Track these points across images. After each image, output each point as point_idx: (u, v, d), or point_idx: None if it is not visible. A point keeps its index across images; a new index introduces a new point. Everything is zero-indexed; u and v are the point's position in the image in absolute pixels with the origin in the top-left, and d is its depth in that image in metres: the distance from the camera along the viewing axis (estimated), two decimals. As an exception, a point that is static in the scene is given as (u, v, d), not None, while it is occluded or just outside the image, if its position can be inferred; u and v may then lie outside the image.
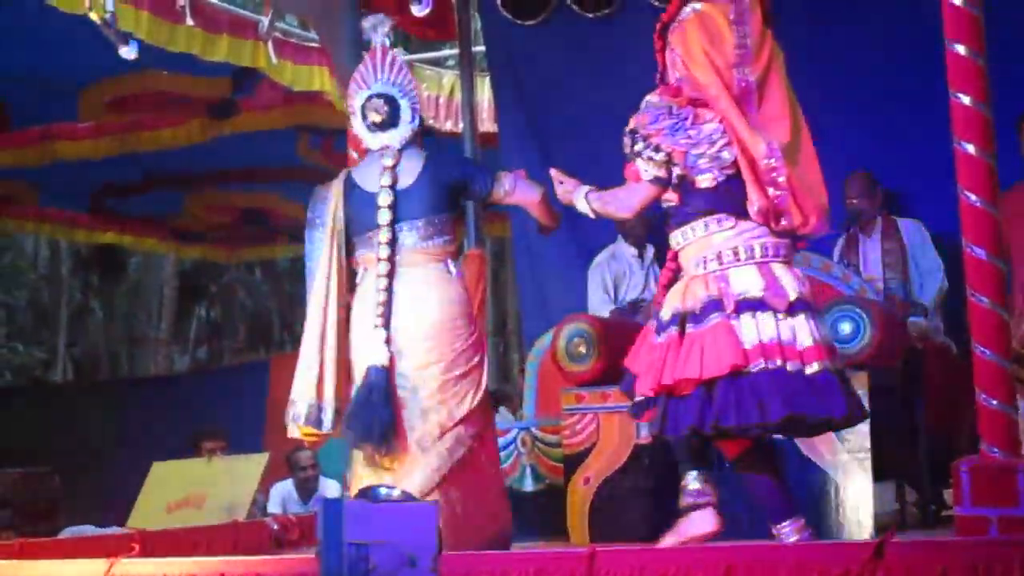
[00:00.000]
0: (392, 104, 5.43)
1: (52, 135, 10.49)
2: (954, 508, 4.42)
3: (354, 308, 5.39)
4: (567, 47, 8.25)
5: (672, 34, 4.98)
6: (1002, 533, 4.17)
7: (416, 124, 5.46)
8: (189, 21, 7.95)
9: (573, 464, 6.23)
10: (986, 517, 4.20)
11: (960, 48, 4.38)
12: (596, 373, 6.25)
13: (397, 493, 5.00)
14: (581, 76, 8.06)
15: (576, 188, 5.12)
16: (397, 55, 5.62)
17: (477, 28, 9.38)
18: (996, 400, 4.28)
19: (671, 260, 5.00)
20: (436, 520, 4.69)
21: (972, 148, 4.37)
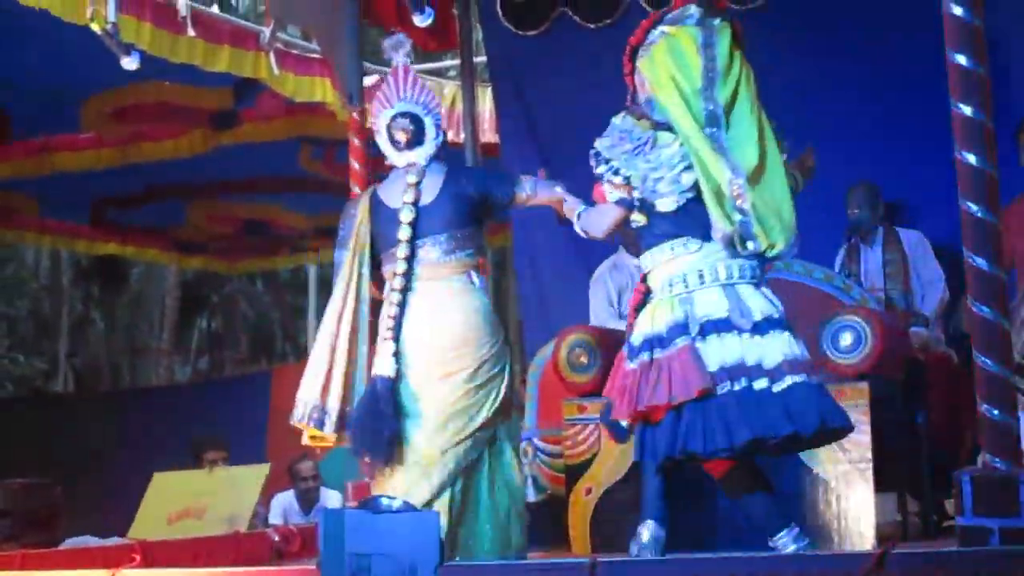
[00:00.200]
0: (417, 123, 5.51)
1: (53, 146, 10.48)
2: (955, 518, 4.41)
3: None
4: (568, 57, 8.26)
5: (640, 58, 5.02)
6: (1003, 543, 4.16)
7: (440, 140, 5.55)
8: (191, 32, 7.96)
9: (575, 474, 6.23)
10: (987, 528, 4.20)
11: (961, 58, 4.38)
12: (597, 383, 6.24)
13: (398, 503, 5.00)
14: (582, 86, 8.06)
15: (576, 206, 5.24)
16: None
17: (479, 38, 9.39)
18: (997, 410, 4.28)
19: (641, 282, 5.05)
20: (438, 530, 4.69)
21: (973, 158, 4.36)
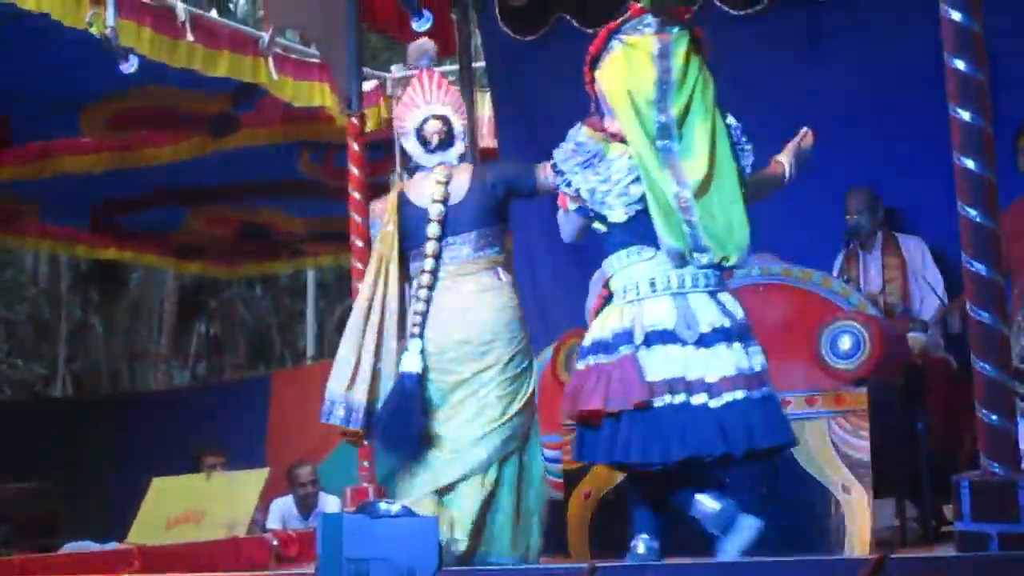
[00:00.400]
0: (447, 124, 5.63)
1: (53, 151, 10.49)
2: (954, 524, 4.40)
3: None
4: (567, 62, 8.21)
5: (598, 68, 5.05)
6: (1003, 549, 4.15)
7: (466, 140, 5.69)
8: (190, 37, 7.97)
9: (573, 479, 6.23)
10: (987, 533, 4.19)
11: (959, 63, 4.38)
12: (596, 388, 6.24)
13: (397, 508, 5.00)
14: (581, 91, 8.02)
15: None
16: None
17: (477, 44, 9.39)
18: (996, 415, 4.27)
19: (604, 287, 5.07)
20: (436, 535, 4.69)
21: (972, 163, 4.36)
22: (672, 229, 4.76)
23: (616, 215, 4.89)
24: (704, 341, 4.73)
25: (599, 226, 4.97)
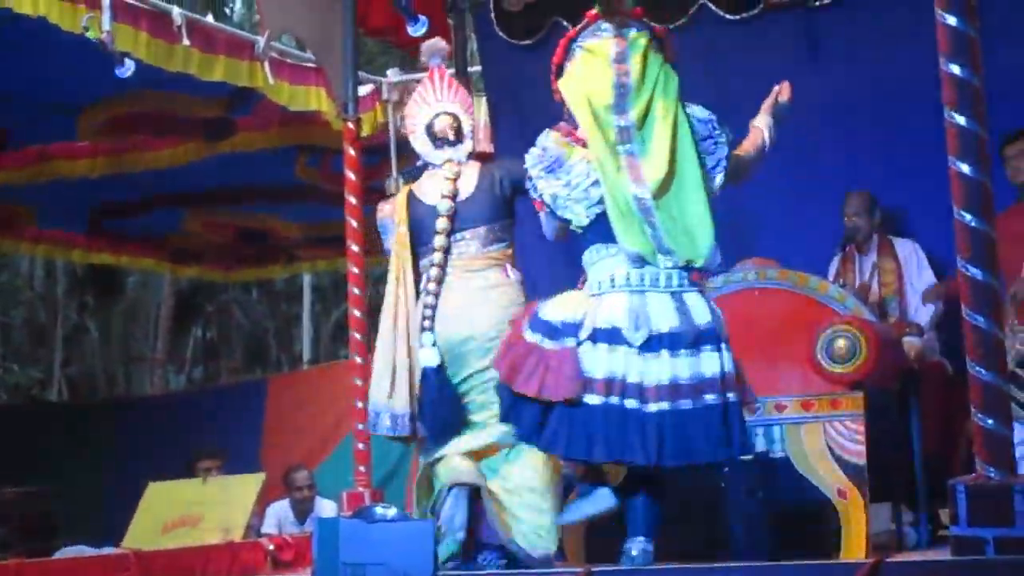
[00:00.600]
0: (457, 121, 5.78)
1: (50, 155, 10.49)
2: (950, 528, 4.41)
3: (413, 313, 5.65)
4: (563, 67, 8.25)
5: (562, 78, 5.08)
6: (998, 553, 4.15)
7: (474, 139, 5.84)
8: (186, 41, 7.96)
9: (567, 486, 6.21)
10: (982, 537, 4.19)
11: (955, 67, 4.38)
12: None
13: (393, 512, 5.01)
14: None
15: None
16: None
17: (473, 49, 9.39)
18: (992, 420, 4.27)
19: (581, 283, 5.08)
20: (432, 540, 4.69)
21: (967, 167, 4.36)
22: (632, 232, 4.77)
23: (578, 219, 4.92)
24: (650, 345, 4.72)
25: (574, 226, 5.00)
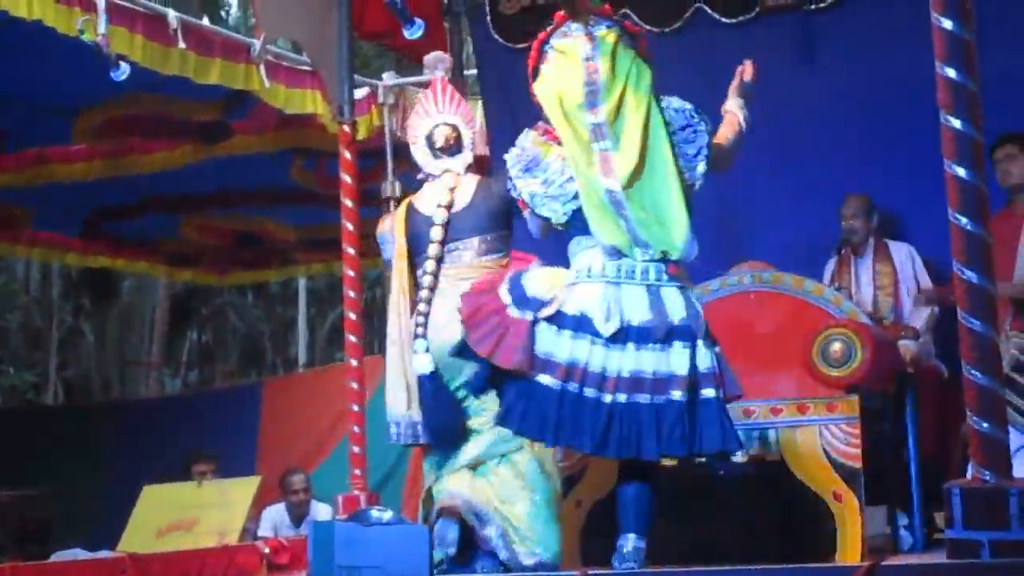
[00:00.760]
0: (456, 131, 5.82)
1: (45, 158, 10.47)
2: (945, 531, 4.41)
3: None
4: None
5: (536, 80, 5.16)
6: (994, 557, 4.16)
7: (474, 151, 5.87)
8: (181, 44, 7.95)
9: (565, 487, 6.21)
10: (978, 540, 4.20)
11: (951, 71, 4.39)
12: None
13: (388, 516, 5.00)
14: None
15: None
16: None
17: (469, 52, 9.39)
18: (987, 423, 4.27)
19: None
20: (428, 543, 4.69)
21: (963, 171, 4.37)
22: (606, 226, 4.85)
23: (556, 215, 5.00)
24: (617, 337, 4.77)
25: (554, 223, 5.05)
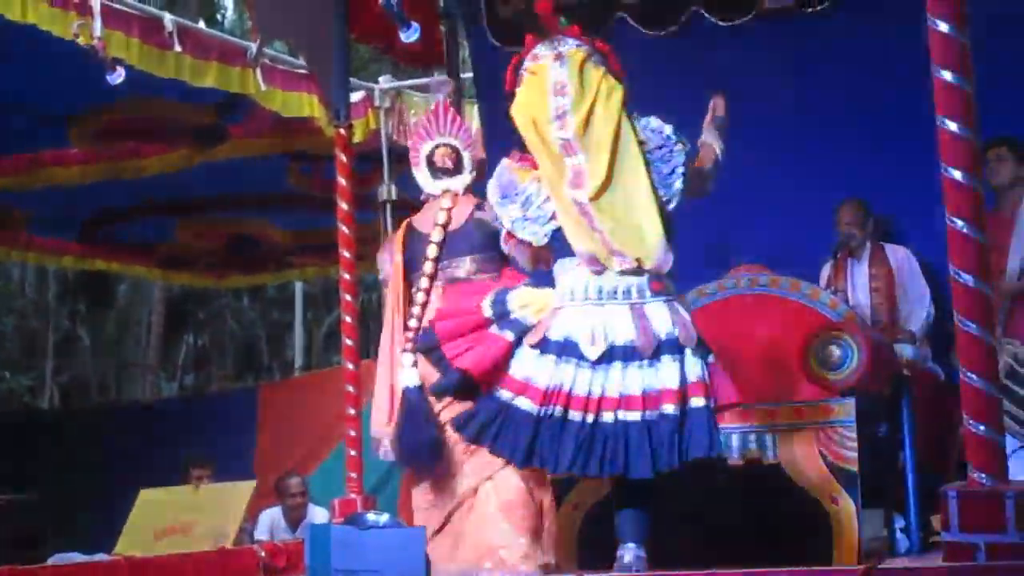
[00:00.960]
0: (456, 152, 5.93)
1: (42, 162, 10.48)
2: (941, 534, 4.41)
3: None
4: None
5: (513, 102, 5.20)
6: (990, 559, 4.16)
7: (474, 174, 5.94)
8: (177, 48, 7.96)
9: (562, 490, 6.21)
10: (974, 543, 4.19)
11: (947, 74, 4.39)
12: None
13: (385, 519, 5.00)
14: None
15: None
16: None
17: (465, 55, 9.39)
18: (983, 426, 4.27)
19: None
20: (424, 547, 4.69)
21: (959, 174, 4.36)
22: (581, 236, 4.90)
23: (537, 238, 5.05)
24: (603, 359, 4.80)
25: (536, 245, 5.10)
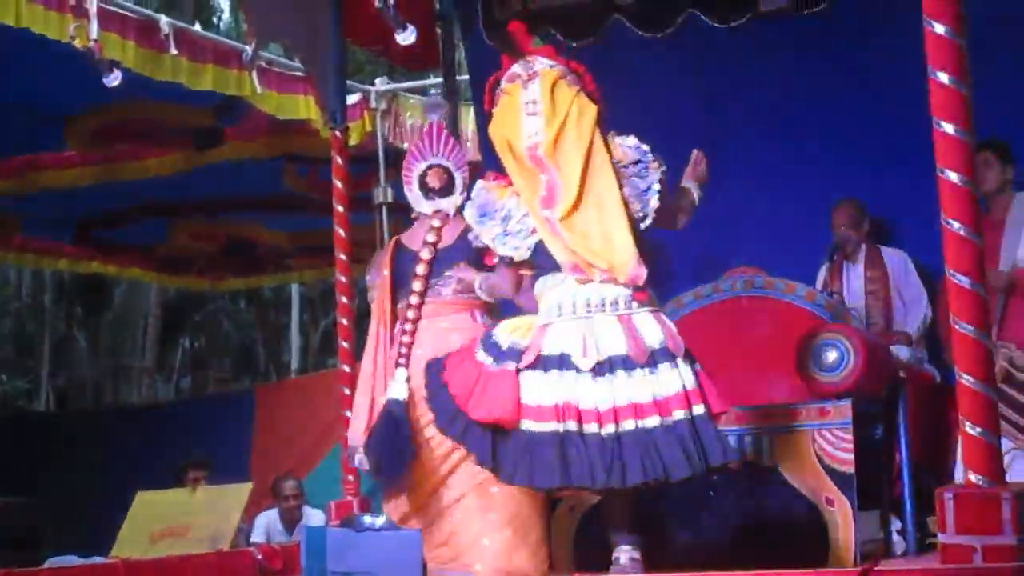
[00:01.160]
0: (448, 173, 5.97)
1: (38, 164, 10.48)
2: (938, 536, 4.41)
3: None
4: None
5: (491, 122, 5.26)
6: (986, 561, 4.16)
7: (465, 196, 5.88)
8: (173, 50, 7.96)
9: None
10: (970, 545, 4.20)
11: (943, 76, 4.39)
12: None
13: (381, 521, 5.00)
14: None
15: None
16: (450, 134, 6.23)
17: (461, 57, 9.39)
18: (980, 428, 4.28)
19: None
20: (420, 549, 4.69)
21: (955, 176, 4.37)
22: (559, 248, 4.97)
23: (519, 252, 5.11)
24: (600, 369, 4.81)
25: (517, 259, 5.16)
